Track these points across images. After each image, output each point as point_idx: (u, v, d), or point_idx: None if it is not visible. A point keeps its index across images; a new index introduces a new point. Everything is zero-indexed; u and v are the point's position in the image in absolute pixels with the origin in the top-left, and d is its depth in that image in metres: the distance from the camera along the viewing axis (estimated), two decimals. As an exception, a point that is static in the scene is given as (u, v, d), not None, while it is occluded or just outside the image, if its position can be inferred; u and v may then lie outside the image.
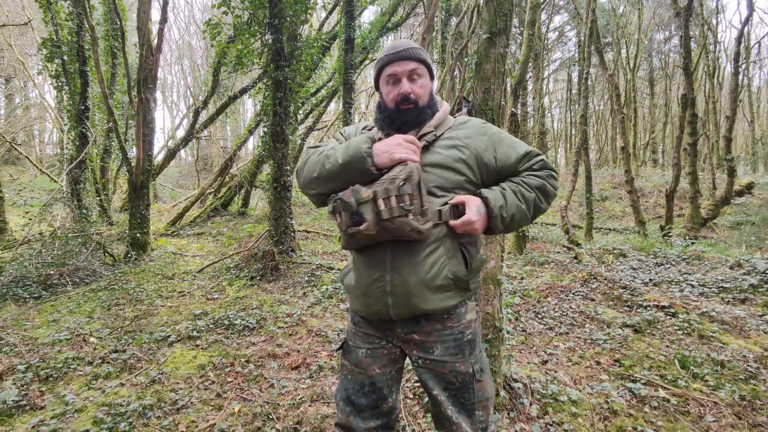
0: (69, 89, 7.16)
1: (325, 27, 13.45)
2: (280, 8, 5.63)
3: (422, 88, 1.34)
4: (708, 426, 2.23)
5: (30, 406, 2.52)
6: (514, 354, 3.14)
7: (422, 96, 1.33)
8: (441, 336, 1.32)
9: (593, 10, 9.02)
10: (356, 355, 1.41)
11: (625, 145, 9.79)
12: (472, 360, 1.33)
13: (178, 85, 30.20)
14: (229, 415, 2.44)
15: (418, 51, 1.34)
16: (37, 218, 6.49)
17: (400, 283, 1.25)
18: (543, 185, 1.32)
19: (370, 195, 1.18)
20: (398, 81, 1.33)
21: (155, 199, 16.08)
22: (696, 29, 15.08)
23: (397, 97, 1.32)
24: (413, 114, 1.32)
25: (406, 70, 1.31)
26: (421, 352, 1.34)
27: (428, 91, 1.36)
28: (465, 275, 1.28)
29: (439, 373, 1.32)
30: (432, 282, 1.25)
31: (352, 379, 1.40)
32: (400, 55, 1.31)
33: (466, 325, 1.34)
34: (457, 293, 1.31)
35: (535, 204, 1.31)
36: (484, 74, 2.31)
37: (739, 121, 21.07)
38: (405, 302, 1.26)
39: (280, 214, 6.00)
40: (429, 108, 1.35)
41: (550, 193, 1.34)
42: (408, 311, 1.28)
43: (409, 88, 1.31)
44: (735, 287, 4.36)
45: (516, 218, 1.28)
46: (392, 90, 1.34)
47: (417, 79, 1.33)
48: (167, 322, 4.00)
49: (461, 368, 1.31)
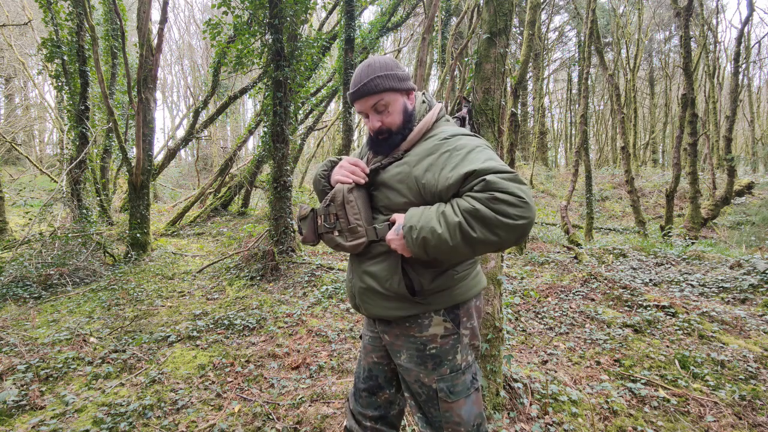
0: (69, 89, 7.16)
1: (325, 27, 13.46)
2: (280, 8, 5.63)
3: (390, 115, 1.32)
4: (708, 426, 2.23)
5: (30, 406, 2.52)
6: (514, 354, 3.14)
7: (393, 122, 1.33)
8: (405, 342, 1.32)
9: (593, 10, 9.03)
10: (363, 341, 1.53)
11: (625, 145, 9.79)
12: (436, 376, 1.28)
13: (178, 85, 30.23)
14: (229, 415, 2.44)
15: (376, 81, 1.28)
16: (37, 218, 6.50)
17: (356, 286, 1.38)
18: (475, 209, 1.06)
19: (307, 212, 1.38)
20: (367, 116, 1.36)
21: (155, 199, 16.09)
22: (696, 29, 15.09)
23: (372, 130, 1.36)
24: (390, 142, 1.35)
25: (368, 106, 1.32)
26: (392, 354, 1.39)
27: (400, 113, 1.33)
28: (405, 294, 1.25)
29: (408, 379, 1.34)
30: (377, 291, 1.31)
31: (360, 364, 1.53)
32: (358, 94, 1.32)
33: (429, 338, 1.29)
34: (411, 305, 1.28)
35: (461, 230, 1.07)
36: (484, 74, 2.31)
37: (739, 121, 21.10)
38: (361, 304, 1.38)
39: (280, 214, 6.00)
40: (405, 129, 1.34)
41: (488, 219, 1.05)
42: (368, 312, 1.37)
43: (378, 122, 1.33)
44: (735, 287, 4.36)
45: (430, 242, 1.10)
46: (367, 122, 1.38)
47: (383, 109, 1.32)
48: (167, 322, 4.00)
49: (424, 380, 1.30)
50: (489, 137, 2.28)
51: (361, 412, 1.46)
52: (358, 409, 1.46)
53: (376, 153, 1.41)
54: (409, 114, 1.35)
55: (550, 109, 28.67)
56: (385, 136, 1.34)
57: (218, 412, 2.49)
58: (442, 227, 1.10)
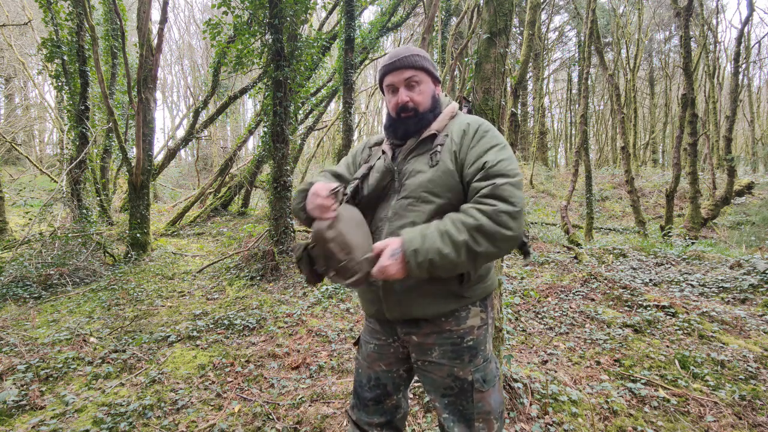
0: (69, 89, 7.16)
1: (325, 27, 13.46)
2: (280, 8, 5.63)
3: (421, 94, 1.32)
4: (708, 426, 2.23)
5: (30, 406, 2.52)
6: (514, 354, 3.14)
7: (422, 102, 1.32)
8: (439, 338, 1.29)
9: (593, 10, 9.02)
10: (366, 349, 1.45)
11: (625, 145, 9.79)
12: (472, 368, 1.28)
13: (178, 85, 30.23)
14: (229, 415, 2.44)
15: (415, 58, 1.32)
16: (37, 218, 6.50)
17: (389, 290, 1.27)
18: (479, 225, 1.07)
19: (300, 254, 1.26)
20: (396, 90, 1.33)
21: (155, 199, 16.09)
22: (696, 29, 15.09)
23: (397, 106, 1.33)
24: (413, 121, 1.32)
25: (402, 79, 1.31)
26: (419, 354, 1.33)
27: (429, 96, 1.35)
28: (457, 289, 1.25)
29: (437, 377, 1.30)
30: (421, 289, 1.24)
31: (362, 373, 1.45)
32: (395, 65, 1.31)
33: (466, 331, 1.29)
34: (453, 300, 1.27)
35: (467, 249, 1.08)
36: (484, 74, 2.31)
37: (739, 121, 21.09)
38: (396, 308, 1.29)
39: (280, 214, 6.00)
40: (431, 112, 1.34)
41: (493, 234, 1.07)
42: (401, 316, 1.30)
43: (407, 97, 1.31)
44: (735, 287, 4.36)
45: (437, 263, 1.09)
46: (392, 99, 1.34)
47: (415, 86, 1.32)
48: (167, 322, 4.00)
49: (459, 374, 1.27)
50: (489, 137, 2.29)
51: (367, 421, 1.41)
52: (365, 419, 1.41)
53: (395, 134, 1.36)
54: (436, 101, 1.36)
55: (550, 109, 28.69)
56: (410, 114, 1.32)
57: (218, 412, 2.49)
58: (449, 247, 1.09)
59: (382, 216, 1.33)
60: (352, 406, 1.47)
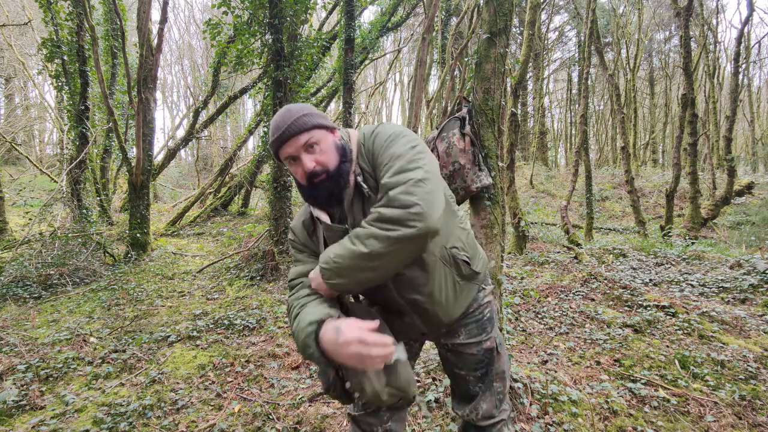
0: (69, 89, 7.16)
1: (325, 27, 13.46)
2: (280, 8, 5.63)
3: (324, 153, 1.21)
4: (708, 426, 2.23)
5: (30, 406, 2.52)
6: (514, 354, 3.14)
7: (329, 161, 1.20)
8: (463, 320, 1.39)
9: (593, 10, 9.02)
10: None
11: (625, 145, 9.79)
12: (494, 334, 1.42)
13: (178, 85, 30.24)
14: (229, 415, 2.44)
15: (304, 120, 1.20)
16: (37, 218, 6.50)
17: (427, 317, 1.31)
18: (370, 233, 1.06)
19: (331, 383, 1.15)
20: (297, 159, 1.21)
21: (155, 199, 16.09)
22: (696, 29, 15.09)
23: (305, 174, 1.21)
24: (332, 183, 1.21)
25: (299, 146, 1.19)
26: (447, 339, 1.41)
27: (333, 150, 1.22)
28: (468, 271, 1.32)
29: (469, 354, 1.39)
30: (451, 296, 1.30)
31: None
32: (285, 135, 1.19)
33: (484, 305, 1.42)
34: (472, 283, 1.36)
35: (367, 242, 1.06)
36: (484, 74, 2.31)
37: (739, 121, 21.09)
38: (439, 325, 1.34)
39: (280, 214, 6.00)
40: (342, 164, 1.22)
41: (379, 236, 1.04)
42: (443, 327, 1.37)
43: (311, 163, 1.19)
44: (735, 287, 4.36)
45: (342, 262, 1.09)
46: (297, 169, 1.23)
47: (315, 147, 1.20)
48: (167, 322, 4.00)
49: (486, 344, 1.40)
50: (489, 137, 2.28)
51: (378, 422, 1.44)
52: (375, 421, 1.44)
53: (320, 201, 1.25)
54: (342, 148, 1.24)
55: (550, 109, 28.68)
56: (322, 178, 1.19)
57: (218, 412, 2.49)
58: (348, 245, 1.08)
59: None
60: (363, 412, 1.45)
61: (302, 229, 1.36)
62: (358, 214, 1.22)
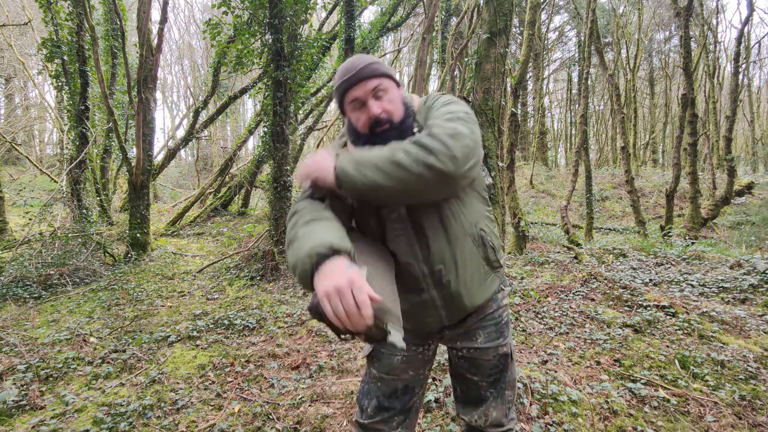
0: (69, 89, 7.16)
1: (325, 27, 13.47)
2: (280, 8, 5.63)
3: (391, 103, 1.20)
4: (708, 426, 2.23)
5: (30, 406, 2.52)
6: (514, 354, 3.14)
7: (394, 111, 1.20)
8: (482, 323, 1.35)
9: (593, 10, 9.03)
10: (389, 362, 1.37)
11: (625, 145, 9.79)
12: (510, 340, 1.40)
13: (178, 85, 30.23)
14: (229, 415, 2.43)
15: (375, 66, 1.20)
16: (37, 218, 6.50)
17: (449, 294, 1.23)
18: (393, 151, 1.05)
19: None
20: (364, 104, 1.19)
21: (155, 199, 16.09)
22: (696, 29, 15.09)
23: (368, 121, 1.19)
24: (394, 134, 1.18)
25: (368, 90, 1.17)
26: (465, 342, 1.36)
27: (399, 103, 1.23)
28: (494, 257, 1.30)
29: (483, 360, 1.35)
30: (476, 278, 1.26)
31: (383, 386, 1.38)
32: (357, 77, 1.17)
33: (503, 308, 1.40)
34: (494, 273, 1.33)
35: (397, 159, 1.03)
36: (484, 74, 2.31)
37: (739, 121, 21.09)
38: (460, 308, 1.27)
39: (280, 214, 6.00)
40: (407, 119, 1.22)
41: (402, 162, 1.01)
42: (464, 313, 1.30)
43: (378, 109, 1.17)
44: (735, 287, 4.36)
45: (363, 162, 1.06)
46: (361, 115, 1.20)
47: (383, 95, 1.19)
48: (167, 322, 4.00)
49: (501, 350, 1.36)
50: (489, 137, 2.28)
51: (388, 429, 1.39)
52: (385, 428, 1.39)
53: None
54: (407, 106, 1.25)
55: (550, 109, 28.68)
56: (386, 127, 1.18)
57: (218, 412, 2.49)
58: (376, 149, 1.06)
59: (399, 231, 1.23)
60: (374, 420, 1.37)
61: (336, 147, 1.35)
62: None
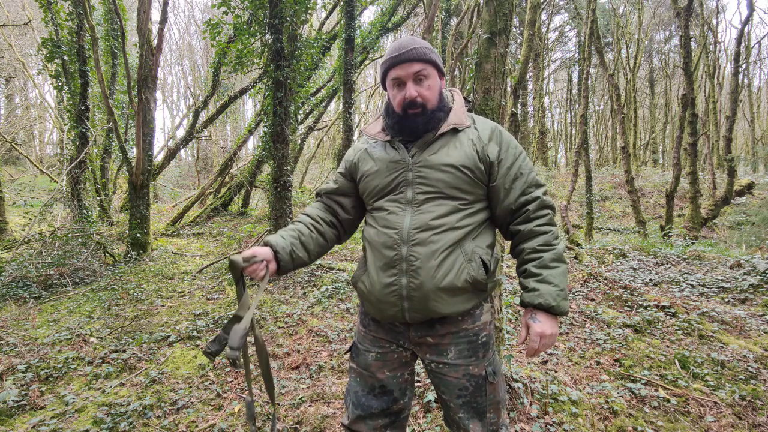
0: (69, 89, 7.16)
1: (325, 27, 13.46)
2: (280, 8, 5.63)
3: (430, 90, 1.25)
4: (708, 426, 2.23)
5: (30, 406, 2.52)
6: (514, 354, 3.14)
7: (430, 99, 1.25)
8: (455, 338, 1.28)
9: (593, 10, 9.03)
10: (365, 358, 1.38)
11: (625, 145, 9.79)
12: (486, 363, 1.30)
13: (178, 85, 30.21)
14: (229, 415, 2.43)
15: (423, 51, 1.24)
16: (37, 218, 6.49)
17: (417, 287, 1.21)
18: (553, 232, 1.29)
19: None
20: (403, 84, 1.25)
21: (155, 199, 16.08)
22: (696, 29, 15.08)
23: (403, 101, 1.25)
24: (422, 119, 1.25)
25: (410, 72, 1.23)
26: (434, 356, 1.30)
27: (437, 92, 1.28)
28: (484, 278, 1.24)
29: (452, 378, 1.28)
30: (450, 286, 1.20)
31: (362, 382, 1.39)
32: (403, 57, 1.23)
33: (481, 327, 1.30)
34: (475, 295, 1.27)
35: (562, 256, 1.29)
36: (484, 74, 2.31)
37: (739, 121, 21.08)
38: (422, 307, 1.22)
39: (280, 214, 6.00)
40: (439, 110, 1.27)
41: (553, 236, 1.31)
42: (425, 315, 1.24)
43: (415, 92, 1.23)
44: (735, 287, 4.36)
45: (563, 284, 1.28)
46: (398, 94, 1.26)
47: (423, 80, 1.25)
48: (167, 322, 4.00)
49: (474, 371, 1.28)
50: (489, 137, 2.28)
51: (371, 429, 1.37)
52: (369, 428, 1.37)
53: (402, 131, 1.28)
54: (443, 98, 1.30)
55: (550, 109, 28.68)
56: (417, 111, 1.24)
57: (218, 412, 2.49)
58: (563, 267, 1.26)
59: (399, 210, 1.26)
60: (354, 418, 1.38)
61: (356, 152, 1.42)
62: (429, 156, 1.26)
